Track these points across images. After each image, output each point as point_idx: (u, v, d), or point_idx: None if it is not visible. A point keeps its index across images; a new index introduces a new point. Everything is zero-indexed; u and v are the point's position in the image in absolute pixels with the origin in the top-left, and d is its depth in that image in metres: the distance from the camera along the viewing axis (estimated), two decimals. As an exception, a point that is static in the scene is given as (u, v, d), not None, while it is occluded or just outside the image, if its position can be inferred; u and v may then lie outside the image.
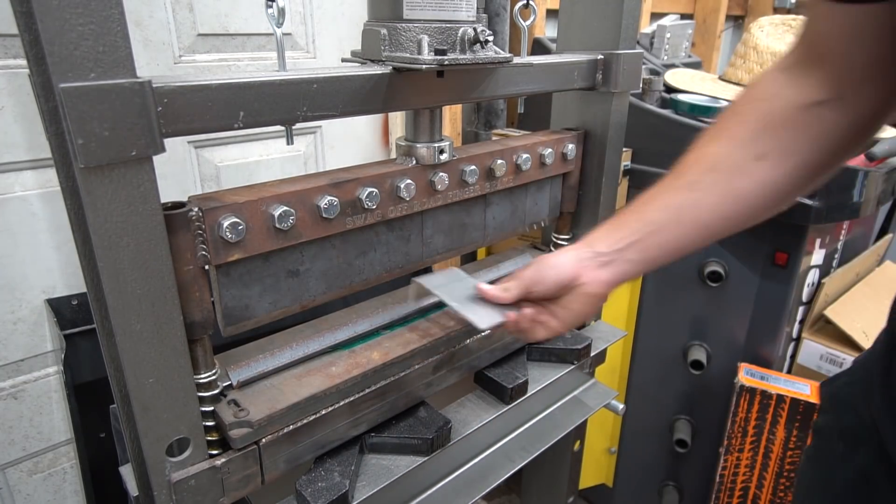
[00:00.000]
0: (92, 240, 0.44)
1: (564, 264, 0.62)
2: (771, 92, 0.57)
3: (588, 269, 0.61)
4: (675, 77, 1.51)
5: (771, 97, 0.56)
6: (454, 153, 0.73)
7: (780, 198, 0.58)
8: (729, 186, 0.57)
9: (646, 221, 0.60)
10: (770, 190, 0.57)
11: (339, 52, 1.37)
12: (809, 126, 0.54)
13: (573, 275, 0.61)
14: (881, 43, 0.49)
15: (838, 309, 1.29)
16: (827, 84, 0.53)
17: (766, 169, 0.56)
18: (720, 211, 0.58)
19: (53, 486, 1.19)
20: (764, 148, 0.56)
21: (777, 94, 0.56)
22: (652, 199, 0.61)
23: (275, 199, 0.57)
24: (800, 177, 0.57)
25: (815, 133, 0.54)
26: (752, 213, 0.59)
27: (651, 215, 0.60)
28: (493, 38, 0.64)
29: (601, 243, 0.61)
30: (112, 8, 0.40)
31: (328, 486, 0.63)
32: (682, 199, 0.59)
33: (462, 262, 1.48)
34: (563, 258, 0.62)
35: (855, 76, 0.52)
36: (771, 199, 0.58)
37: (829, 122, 0.54)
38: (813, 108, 0.54)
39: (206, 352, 0.58)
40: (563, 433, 0.90)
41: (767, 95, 0.57)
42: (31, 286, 1.06)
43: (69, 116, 0.40)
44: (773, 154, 0.56)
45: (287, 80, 0.53)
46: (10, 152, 0.99)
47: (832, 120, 0.54)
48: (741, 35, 1.58)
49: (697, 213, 0.58)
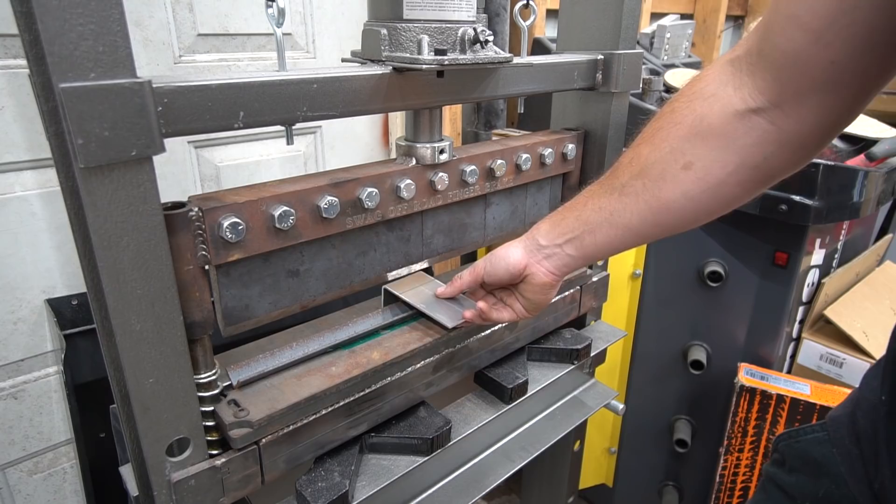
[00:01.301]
0: (92, 240, 0.44)
1: (514, 255, 0.65)
2: (710, 90, 0.52)
3: (535, 260, 0.65)
4: (675, 77, 1.51)
5: (709, 96, 0.52)
6: (454, 153, 0.73)
7: (705, 211, 0.55)
8: (656, 194, 0.55)
9: (582, 220, 0.61)
10: (694, 202, 0.54)
11: (339, 52, 1.37)
12: (740, 137, 0.50)
13: (522, 265, 0.65)
14: (852, 41, 0.42)
15: (838, 309, 1.29)
16: (770, 86, 0.48)
17: (692, 180, 0.53)
18: (648, 218, 0.57)
19: (53, 486, 1.19)
20: (691, 157, 0.53)
21: (715, 94, 0.52)
22: (590, 197, 0.62)
23: (275, 199, 0.57)
24: (724, 193, 0.53)
25: (744, 145, 0.50)
26: (680, 223, 0.57)
27: (587, 215, 0.61)
28: (493, 38, 0.64)
29: (544, 237, 0.64)
30: (112, 8, 0.40)
31: (328, 486, 0.63)
32: (613, 203, 0.59)
33: (462, 262, 1.48)
34: (512, 250, 0.66)
35: (805, 80, 0.45)
36: (695, 212, 0.56)
37: (761, 134, 0.49)
38: (747, 115, 0.49)
39: (206, 352, 0.58)
40: (563, 433, 0.90)
41: (706, 93, 0.52)
42: (31, 286, 1.06)
43: (69, 116, 0.40)
44: (699, 164, 0.53)
45: (287, 80, 0.53)
46: (10, 152, 0.99)
47: (765, 132, 0.49)
48: (741, 35, 1.58)
49: (628, 217, 0.58)
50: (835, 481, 0.58)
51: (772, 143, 0.49)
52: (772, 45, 0.47)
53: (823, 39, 0.43)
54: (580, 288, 0.94)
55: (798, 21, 0.44)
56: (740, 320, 1.27)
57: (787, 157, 0.51)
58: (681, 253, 1.29)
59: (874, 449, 0.55)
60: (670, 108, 0.56)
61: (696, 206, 0.55)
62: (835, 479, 0.58)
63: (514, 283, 0.67)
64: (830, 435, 0.61)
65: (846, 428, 0.59)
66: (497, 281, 0.67)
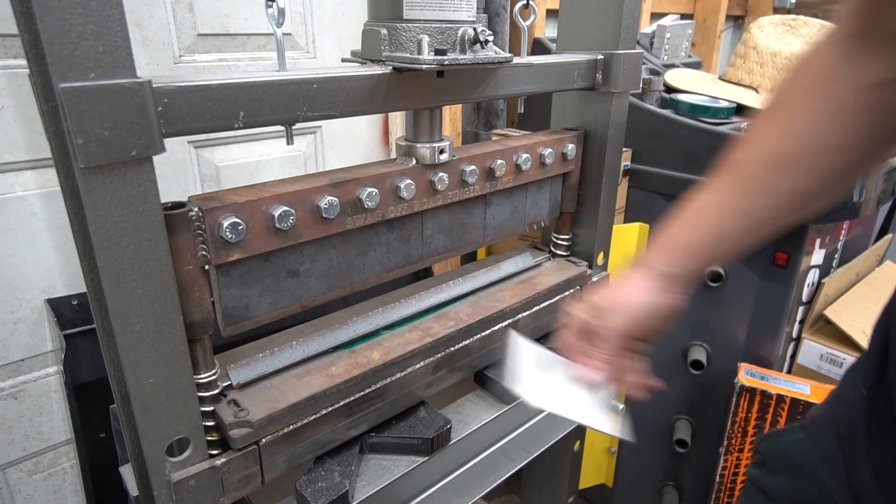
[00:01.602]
0: (92, 240, 0.44)
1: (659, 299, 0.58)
2: (829, 74, 0.50)
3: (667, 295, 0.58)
4: (675, 77, 1.51)
5: (830, 79, 0.50)
6: (454, 153, 0.73)
7: (840, 189, 0.53)
8: (795, 186, 0.52)
9: (708, 233, 0.56)
10: (831, 183, 0.52)
11: (339, 52, 1.37)
12: (877, 109, 0.48)
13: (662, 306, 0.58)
14: None
15: (838, 309, 1.29)
16: (892, 58, 0.46)
17: (829, 161, 0.51)
18: (786, 211, 0.53)
19: (53, 486, 1.19)
20: (829, 139, 0.50)
21: (836, 75, 0.49)
22: (711, 206, 0.56)
23: (275, 199, 0.57)
24: (858, 166, 0.51)
25: (882, 117, 0.48)
26: (815, 210, 0.54)
27: (713, 226, 0.56)
28: (493, 38, 0.64)
29: (675, 265, 0.58)
30: (112, 8, 0.40)
31: (328, 486, 0.63)
32: (748, 203, 0.55)
33: (462, 262, 1.48)
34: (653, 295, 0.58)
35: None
36: (830, 193, 0.53)
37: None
38: (881, 87, 0.47)
39: (206, 352, 0.58)
40: (563, 433, 0.90)
41: (826, 77, 0.50)
42: (31, 286, 1.06)
43: (69, 116, 0.40)
44: (837, 145, 0.50)
45: (287, 80, 0.53)
46: (10, 152, 0.99)
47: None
48: (741, 35, 1.58)
49: (769, 216, 0.54)
50: (815, 483, 0.57)
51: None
52: (886, 22, 0.46)
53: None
54: (580, 288, 0.94)
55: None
56: (740, 320, 1.27)
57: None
58: (681, 253, 1.29)
59: (854, 446, 0.54)
60: (790, 95, 0.53)
61: (834, 190, 0.53)
62: (815, 481, 0.57)
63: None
64: (811, 435, 0.60)
65: (826, 427, 0.58)
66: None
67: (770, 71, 1.42)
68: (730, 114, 1.31)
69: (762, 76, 1.43)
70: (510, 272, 0.93)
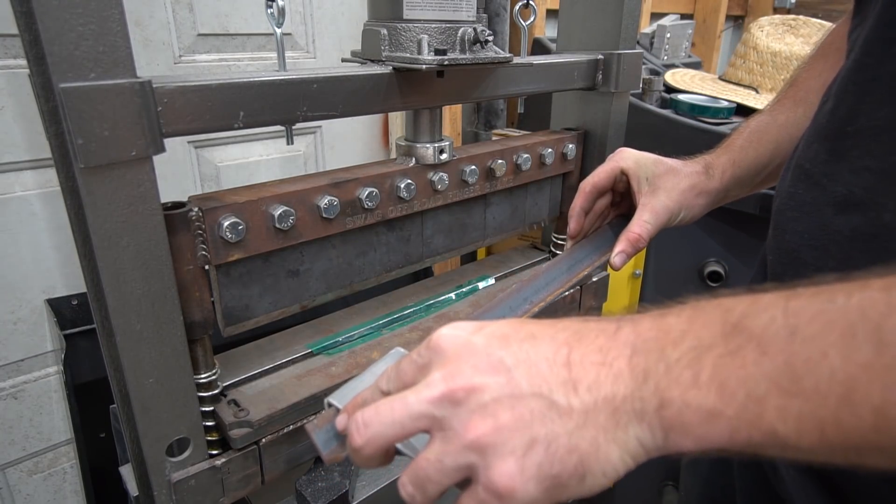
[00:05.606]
0: (92, 240, 0.44)
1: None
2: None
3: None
4: (675, 77, 1.51)
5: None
6: (454, 153, 0.73)
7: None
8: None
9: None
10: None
11: (339, 52, 1.37)
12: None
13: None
14: None
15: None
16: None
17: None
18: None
19: (53, 486, 1.20)
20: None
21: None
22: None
23: (275, 199, 0.57)
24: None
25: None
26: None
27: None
28: (493, 38, 0.64)
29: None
30: (112, 8, 0.40)
31: (328, 486, 0.63)
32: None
33: (462, 263, 1.48)
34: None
35: None
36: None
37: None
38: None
39: (206, 352, 0.58)
40: (563, 433, 0.89)
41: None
42: (31, 286, 1.06)
43: (69, 116, 0.40)
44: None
45: (287, 80, 0.53)
46: (10, 152, 0.99)
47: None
48: (741, 35, 1.58)
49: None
50: (724, 493, 0.61)
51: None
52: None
53: None
54: (580, 288, 0.94)
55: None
56: (740, 320, 1.26)
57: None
58: (681, 253, 1.29)
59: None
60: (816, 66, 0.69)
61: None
62: (723, 492, 0.62)
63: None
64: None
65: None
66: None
67: (770, 71, 1.42)
68: (730, 114, 1.31)
69: (762, 76, 1.43)
70: (510, 272, 0.93)
